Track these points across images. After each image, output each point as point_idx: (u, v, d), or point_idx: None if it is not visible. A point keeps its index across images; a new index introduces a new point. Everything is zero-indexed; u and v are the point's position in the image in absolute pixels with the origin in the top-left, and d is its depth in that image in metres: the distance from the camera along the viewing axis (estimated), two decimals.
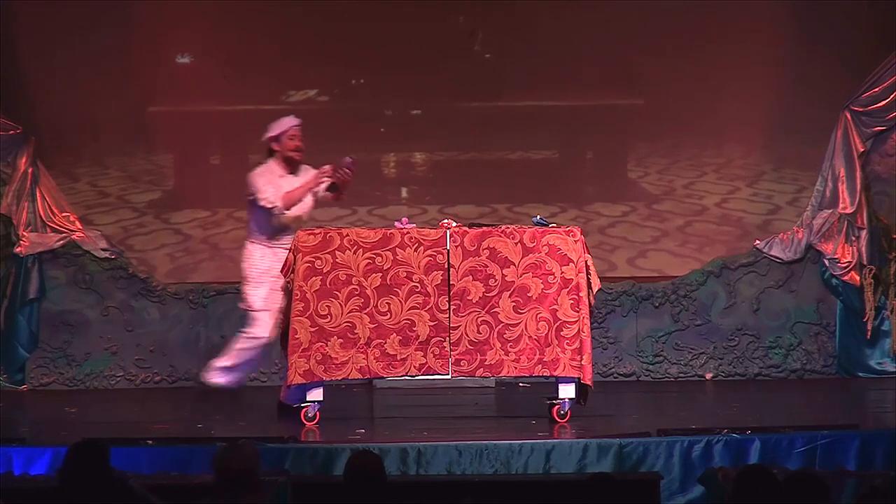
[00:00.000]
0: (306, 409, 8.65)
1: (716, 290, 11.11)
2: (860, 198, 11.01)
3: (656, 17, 11.08)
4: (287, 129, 9.21)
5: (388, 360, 8.60)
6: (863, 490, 6.56)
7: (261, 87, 11.29)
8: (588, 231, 10.31)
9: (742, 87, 11.09)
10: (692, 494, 7.73)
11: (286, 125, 9.23)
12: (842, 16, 10.89)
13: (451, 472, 7.72)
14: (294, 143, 9.21)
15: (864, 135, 11.01)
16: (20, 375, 11.00)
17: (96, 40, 11.06)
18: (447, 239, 8.65)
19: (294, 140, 9.21)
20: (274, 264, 8.97)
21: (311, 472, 7.61)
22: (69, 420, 9.42)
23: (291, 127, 9.23)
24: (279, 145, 9.21)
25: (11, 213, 11.03)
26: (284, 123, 9.24)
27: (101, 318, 11.06)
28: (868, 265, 11.01)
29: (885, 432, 7.99)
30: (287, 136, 9.20)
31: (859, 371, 11.00)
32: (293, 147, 9.20)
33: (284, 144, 9.20)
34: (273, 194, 9.05)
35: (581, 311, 8.60)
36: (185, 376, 11.01)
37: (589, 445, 7.80)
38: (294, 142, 9.21)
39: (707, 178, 11.46)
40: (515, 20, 11.25)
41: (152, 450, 7.78)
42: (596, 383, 8.88)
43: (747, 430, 7.96)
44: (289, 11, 11.17)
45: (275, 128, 9.24)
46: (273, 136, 9.22)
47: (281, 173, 9.17)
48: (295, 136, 9.22)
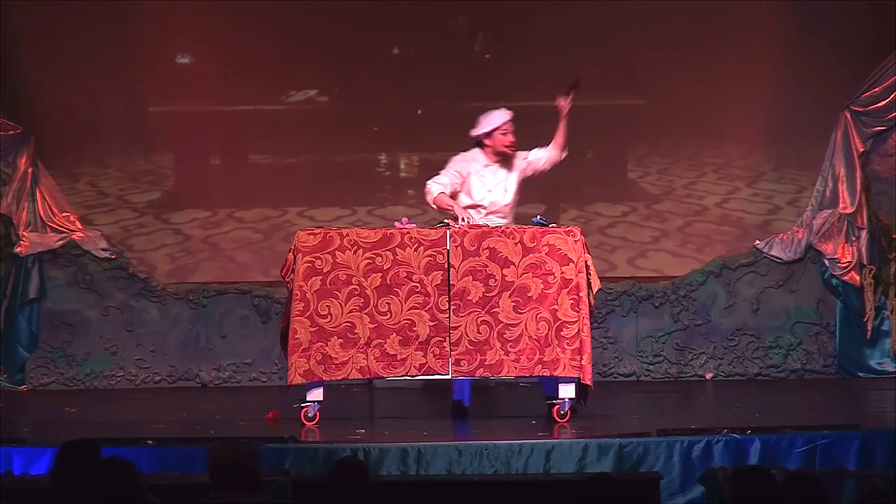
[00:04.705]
0: (306, 409, 8.65)
1: (716, 290, 11.12)
2: (860, 198, 11.01)
3: (656, 17, 11.09)
4: (499, 126, 9.04)
5: (388, 360, 8.60)
6: (863, 490, 6.56)
7: (261, 87, 11.30)
8: (588, 231, 10.32)
9: (742, 87, 11.09)
10: (692, 494, 7.73)
11: (498, 121, 9.04)
12: (842, 16, 10.90)
13: (451, 473, 7.72)
14: (507, 138, 9.04)
15: (864, 135, 11.02)
16: (20, 375, 11.01)
17: (96, 40, 11.07)
18: (447, 239, 8.65)
19: (507, 136, 9.04)
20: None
21: (311, 472, 7.61)
22: (69, 420, 9.42)
23: (504, 123, 9.04)
24: (490, 140, 9.06)
25: (11, 213, 11.04)
26: (496, 119, 9.06)
27: (101, 318, 11.06)
28: (868, 265, 11.01)
29: (885, 432, 7.99)
30: (499, 133, 9.04)
31: (859, 371, 11.00)
32: (506, 143, 9.05)
33: (496, 140, 9.05)
34: (439, 187, 8.93)
35: (581, 311, 8.60)
36: (185, 376, 11.02)
37: (589, 445, 7.80)
38: (507, 137, 9.04)
39: (707, 178, 11.46)
40: (515, 20, 11.25)
41: (152, 450, 7.78)
42: (596, 383, 8.88)
43: (747, 430, 7.96)
44: (289, 12, 11.18)
45: (485, 123, 9.07)
46: (485, 132, 9.06)
47: (486, 163, 9.06)
48: (507, 131, 9.04)
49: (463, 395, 9.02)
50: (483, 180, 9.05)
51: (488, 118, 9.09)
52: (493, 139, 9.07)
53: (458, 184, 9.06)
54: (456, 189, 9.06)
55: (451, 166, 9.10)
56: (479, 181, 9.05)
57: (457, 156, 9.15)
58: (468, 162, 9.09)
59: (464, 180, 9.06)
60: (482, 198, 9.07)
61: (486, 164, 9.08)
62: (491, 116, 9.09)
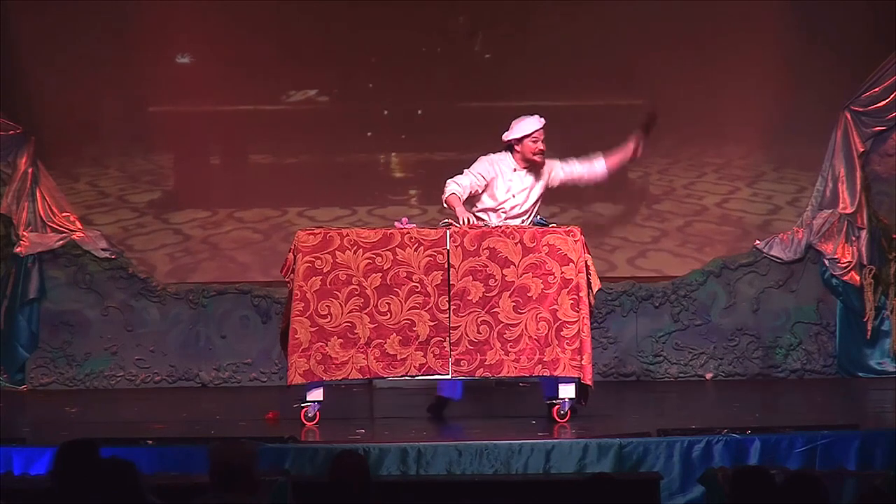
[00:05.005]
0: (306, 409, 8.65)
1: (716, 290, 11.12)
2: (860, 198, 11.01)
3: (656, 17, 11.09)
4: (531, 133, 8.95)
5: (388, 360, 8.60)
6: (863, 490, 6.56)
7: (261, 87, 11.30)
8: (588, 231, 10.31)
9: (742, 87, 11.09)
10: (692, 494, 7.73)
11: (530, 128, 8.95)
12: (842, 16, 10.90)
13: (451, 472, 7.72)
14: (536, 146, 8.95)
15: (864, 135, 11.02)
16: (20, 375, 11.01)
17: (96, 40, 11.07)
18: (447, 239, 8.64)
19: (537, 143, 8.95)
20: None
21: (311, 472, 7.60)
22: (69, 420, 9.42)
23: (536, 130, 8.96)
24: (520, 147, 8.97)
25: (11, 213, 11.04)
26: (529, 126, 8.97)
27: (101, 318, 11.06)
28: (868, 265, 11.01)
29: (885, 432, 7.98)
30: (530, 139, 8.95)
31: (859, 371, 11.01)
32: (535, 151, 8.96)
33: (525, 147, 8.96)
34: (455, 187, 8.86)
35: (581, 311, 8.60)
36: (185, 376, 11.02)
37: (589, 445, 7.80)
38: (537, 145, 8.95)
39: (707, 178, 11.46)
40: (515, 20, 11.25)
41: (152, 450, 7.77)
42: (596, 383, 8.87)
43: (747, 430, 7.96)
44: (288, 12, 11.18)
45: (518, 129, 8.98)
46: (516, 138, 8.97)
47: (515, 167, 8.98)
48: (538, 139, 8.95)
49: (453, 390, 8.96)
50: (510, 184, 8.98)
51: (521, 124, 9.00)
52: (522, 145, 8.97)
53: (480, 186, 8.95)
54: (477, 191, 8.97)
55: (476, 167, 8.98)
56: (505, 185, 8.98)
57: (485, 156, 9.03)
58: (496, 164, 9.01)
59: (488, 183, 8.98)
60: (504, 201, 9.01)
61: (515, 168, 9.01)
62: (524, 122, 9.00)
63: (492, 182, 8.95)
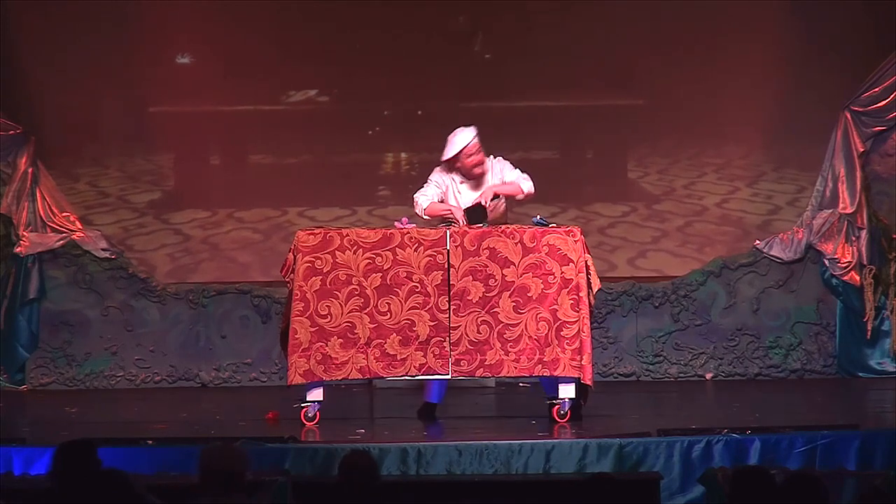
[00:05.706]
0: (306, 409, 8.65)
1: (716, 290, 11.12)
2: (860, 198, 11.01)
3: (656, 17, 11.09)
4: (462, 149, 8.93)
5: (388, 360, 8.60)
6: (863, 490, 6.56)
7: (261, 88, 11.31)
8: (588, 231, 10.32)
9: (742, 87, 11.09)
10: (692, 494, 7.72)
11: (460, 146, 8.94)
12: (842, 16, 10.90)
13: (451, 473, 7.71)
14: (472, 160, 8.93)
15: (864, 135, 11.02)
16: (20, 375, 11.01)
17: (96, 40, 11.08)
18: (447, 239, 8.64)
19: (471, 157, 8.92)
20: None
21: (311, 472, 7.60)
22: (69, 420, 9.42)
23: (465, 146, 8.93)
24: (458, 164, 8.96)
25: (11, 213, 11.04)
26: (460, 142, 8.95)
27: (101, 318, 11.07)
28: (868, 265, 11.01)
29: (885, 432, 7.98)
30: (464, 155, 8.93)
31: (859, 371, 11.01)
32: (472, 164, 8.94)
33: (463, 163, 8.94)
34: (426, 198, 8.91)
35: (581, 311, 8.59)
36: (185, 376, 11.02)
37: (589, 445, 7.79)
38: (472, 159, 8.93)
39: (707, 178, 11.46)
40: (515, 21, 11.25)
41: (152, 450, 7.77)
42: (596, 383, 8.87)
43: (747, 430, 7.95)
44: (288, 12, 11.18)
45: (451, 147, 8.96)
46: (451, 158, 8.96)
47: (462, 180, 9.00)
48: (471, 152, 8.92)
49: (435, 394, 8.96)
50: (458, 196, 9.02)
51: (452, 142, 8.99)
52: (460, 162, 9.00)
53: (441, 194, 9.02)
54: (442, 199, 9.02)
55: (433, 177, 9.06)
56: (455, 198, 9.02)
57: (437, 167, 9.09)
58: (446, 175, 9.05)
59: (444, 192, 9.03)
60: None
61: (462, 180, 9.06)
62: (456, 138, 8.98)
63: (446, 192, 9.00)
